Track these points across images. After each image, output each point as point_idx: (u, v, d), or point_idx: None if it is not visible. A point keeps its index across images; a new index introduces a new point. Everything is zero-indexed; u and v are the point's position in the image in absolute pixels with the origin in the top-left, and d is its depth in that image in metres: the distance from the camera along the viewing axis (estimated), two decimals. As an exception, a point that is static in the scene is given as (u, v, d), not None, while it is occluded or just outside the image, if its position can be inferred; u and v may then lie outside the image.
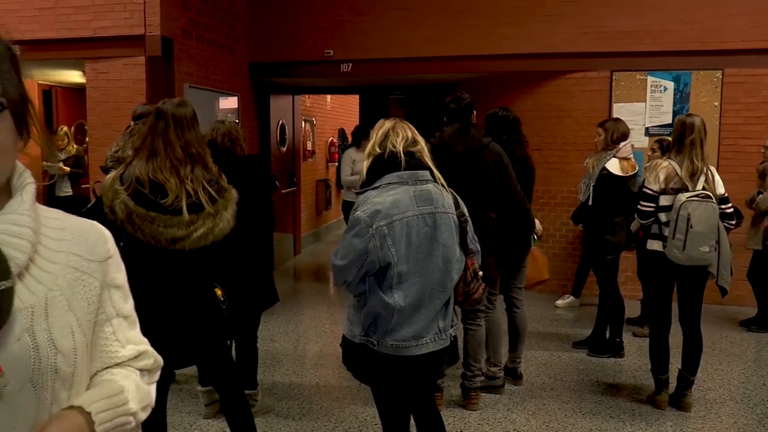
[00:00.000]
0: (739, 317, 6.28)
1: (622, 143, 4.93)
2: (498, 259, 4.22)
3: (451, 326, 2.67)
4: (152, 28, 5.85)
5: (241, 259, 3.64)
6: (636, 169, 4.95)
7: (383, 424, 2.78)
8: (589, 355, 5.24)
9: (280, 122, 8.71)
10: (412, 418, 2.83)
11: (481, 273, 2.76)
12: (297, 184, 9.40)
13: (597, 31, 6.89)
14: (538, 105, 7.19)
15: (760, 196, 5.77)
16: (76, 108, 8.75)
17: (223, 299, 2.82)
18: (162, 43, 5.86)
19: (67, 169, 7.53)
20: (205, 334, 2.82)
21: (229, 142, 3.85)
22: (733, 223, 4.16)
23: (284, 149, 8.83)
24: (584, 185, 5.15)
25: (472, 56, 7.22)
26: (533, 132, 5.15)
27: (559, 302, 6.87)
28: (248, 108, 7.79)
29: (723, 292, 4.10)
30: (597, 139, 5.10)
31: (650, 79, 6.92)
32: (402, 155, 2.56)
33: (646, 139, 6.83)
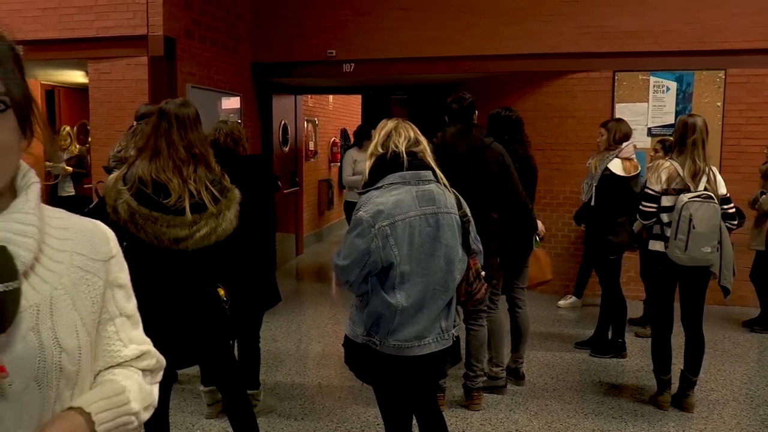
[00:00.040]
0: (742, 318, 6.27)
1: (625, 143, 4.93)
2: (501, 260, 4.23)
3: (454, 326, 2.67)
4: (155, 28, 5.85)
5: (244, 259, 3.64)
6: (638, 169, 4.95)
7: (385, 424, 2.78)
8: (592, 356, 5.24)
9: (283, 122, 8.71)
10: (414, 419, 2.84)
11: (483, 273, 2.76)
12: (299, 184, 9.40)
13: (599, 31, 6.89)
14: (540, 105, 7.19)
15: (764, 196, 5.76)
16: (78, 108, 8.76)
17: (226, 299, 2.82)
18: (164, 43, 5.87)
19: (70, 169, 7.55)
20: (208, 334, 2.82)
21: (232, 142, 3.86)
22: (735, 223, 4.16)
23: (286, 149, 8.84)
24: (586, 185, 5.16)
25: (474, 56, 7.22)
26: (535, 132, 5.15)
27: (561, 302, 6.86)
28: (250, 108, 7.79)
29: (725, 293, 4.10)
30: (599, 139, 5.10)
31: (653, 79, 6.91)
32: (404, 155, 2.56)
33: (648, 140, 6.82)
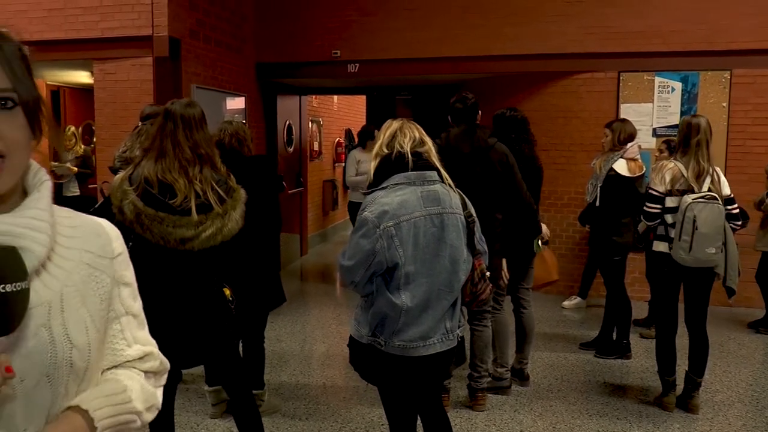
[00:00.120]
0: (748, 319, 6.25)
1: (629, 144, 4.92)
2: (507, 260, 4.22)
3: (459, 327, 2.67)
4: (160, 28, 5.87)
5: (249, 260, 3.65)
6: (643, 169, 4.94)
7: (390, 424, 2.78)
8: (596, 357, 5.23)
9: (287, 123, 8.72)
10: (419, 419, 2.84)
11: (488, 273, 2.76)
12: (304, 184, 9.41)
13: (604, 31, 6.87)
14: (545, 106, 7.18)
15: (769, 197, 5.75)
16: (83, 108, 8.78)
17: (231, 299, 2.83)
18: (169, 43, 5.88)
19: (75, 169, 7.57)
20: (213, 334, 2.82)
21: (237, 142, 3.87)
22: (739, 223, 4.15)
23: (291, 150, 8.85)
24: (591, 186, 5.15)
25: (479, 57, 7.21)
26: (540, 133, 5.14)
27: (565, 303, 6.85)
28: (255, 108, 7.80)
29: (730, 293, 4.08)
30: (604, 139, 5.09)
31: (658, 79, 6.89)
32: (409, 156, 2.57)
33: (653, 140, 6.81)
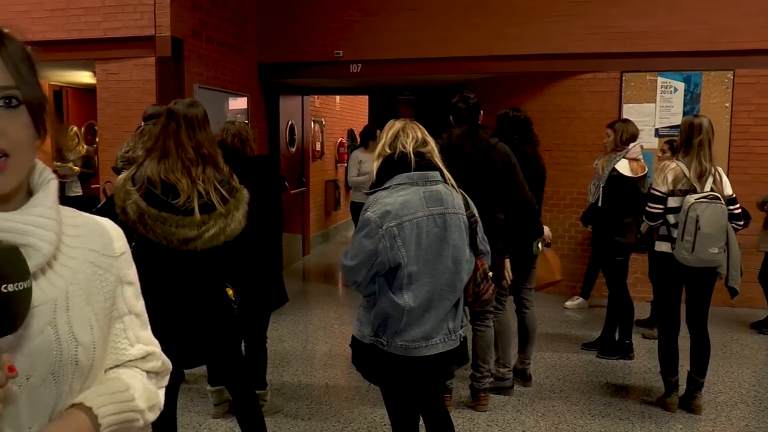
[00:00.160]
0: (750, 319, 6.24)
1: (632, 144, 4.92)
2: (511, 261, 4.21)
3: (461, 327, 2.67)
4: (162, 29, 5.87)
5: (251, 260, 3.65)
6: (645, 170, 4.94)
7: (392, 424, 2.78)
8: (599, 357, 5.22)
9: (290, 123, 8.72)
10: (421, 419, 2.83)
11: (491, 274, 2.76)
12: (306, 184, 9.41)
13: (607, 31, 6.86)
14: (548, 106, 7.17)
15: (772, 198, 5.74)
16: (86, 108, 8.79)
17: (234, 299, 2.83)
18: (172, 43, 5.88)
19: (78, 169, 7.57)
20: (216, 333, 2.82)
21: (239, 142, 3.87)
22: (741, 223, 4.14)
23: (293, 150, 8.85)
24: (594, 186, 5.14)
25: (482, 57, 7.21)
26: (543, 133, 5.14)
27: (568, 303, 6.85)
28: (257, 108, 7.81)
29: (733, 294, 4.08)
30: (606, 140, 5.09)
31: (660, 79, 6.88)
32: (412, 156, 2.56)
33: (655, 140, 6.80)
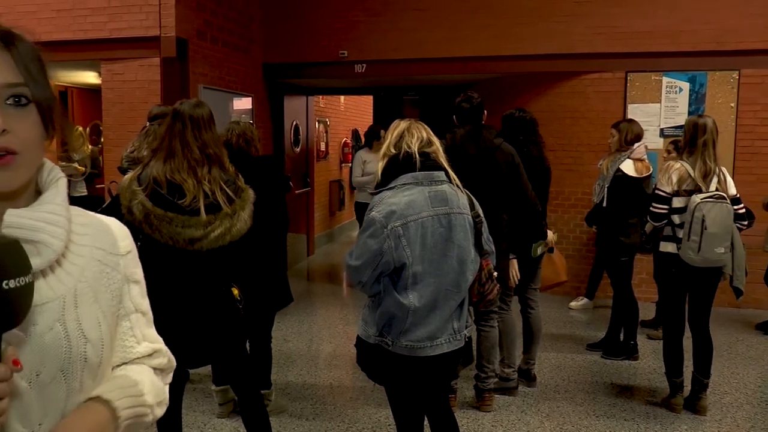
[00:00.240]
0: (756, 320, 6.22)
1: (636, 144, 4.91)
2: (518, 261, 4.21)
3: (466, 327, 2.67)
4: (167, 29, 5.88)
5: (256, 260, 3.66)
6: (650, 170, 4.93)
7: (397, 425, 2.78)
8: (603, 358, 5.21)
9: (294, 123, 8.73)
10: (426, 419, 2.84)
11: (495, 274, 2.76)
12: (310, 184, 9.42)
13: (612, 31, 6.85)
14: (553, 106, 7.17)
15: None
16: (91, 109, 8.83)
17: (240, 299, 2.83)
18: (177, 44, 5.90)
19: (82, 168, 7.59)
20: (222, 333, 2.83)
21: (244, 142, 3.88)
22: (745, 223, 4.13)
23: (298, 150, 8.86)
24: (598, 187, 5.14)
25: (487, 57, 7.20)
26: (547, 133, 5.13)
27: (572, 304, 6.84)
28: (262, 109, 7.81)
29: (738, 294, 4.07)
30: (611, 140, 5.09)
31: (665, 80, 6.87)
32: (417, 156, 2.57)
33: (660, 141, 6.78)
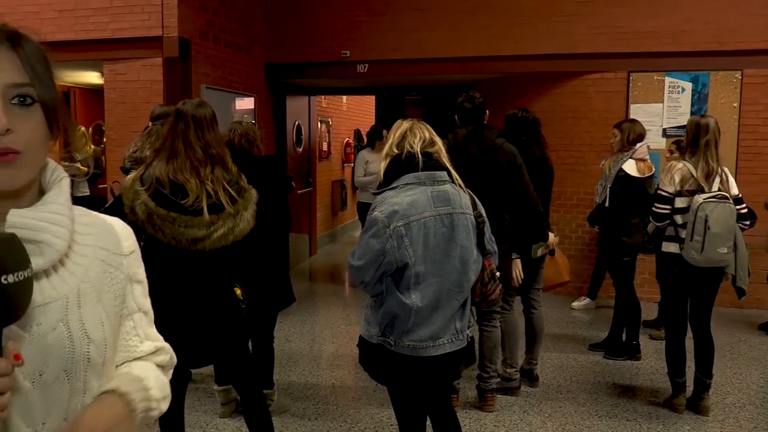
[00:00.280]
0: (759, 321, 6.20)
1: (639, 144, 4.91)
2: (522, 261, 4.21)
3: (468, 327, 2.67)
4: (170, 29, 5.89)
5: (258, 260, 3.66)
6: (653, 170, 4.93)
7: (399, 424, 2.79)
8: (606, 358, 5.21)
9: (296, 123, 8.73)
10: (428, 419, 2.84)
11: (498, 274, 2.76)
12: (313, 184, 9.42)
13: (614, 31, 6.85)
14: (555, 106, 7.16)
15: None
16: (93, 109, 8.82)
17: (242, 299, 2.83)
18: (179, 44, 5.90)
19: (85, 168, 7.60)
20: (224, 333, 2.83)
21: (246, 142, 3.88)
22: (747, 223, 4.13)
23: (300, 150, 8.86)
24: (600, 187, 5.13)
25: (489, 57, 7.19)
26: (549, 133, 5.13)
27: (575, 304, 6.83)
28: (264, 109, 7.82)
29: (740, 294, 4.06)
30: (613, 140, 5.08)
31: (668, 79, 6.86)
32: (419, 156, 2.57)
33: (663, 141, 6.78)
